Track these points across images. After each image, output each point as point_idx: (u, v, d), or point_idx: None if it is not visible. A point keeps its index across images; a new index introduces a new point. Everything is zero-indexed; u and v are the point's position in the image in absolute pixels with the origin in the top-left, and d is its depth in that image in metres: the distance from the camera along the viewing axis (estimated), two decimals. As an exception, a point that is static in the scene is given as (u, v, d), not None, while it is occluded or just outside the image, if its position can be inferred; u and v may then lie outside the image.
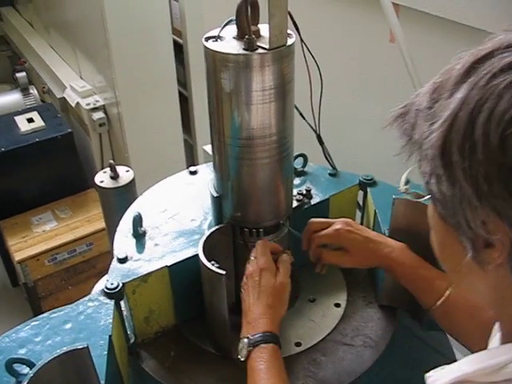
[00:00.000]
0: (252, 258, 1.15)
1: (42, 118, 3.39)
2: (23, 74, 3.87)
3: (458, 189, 0.59)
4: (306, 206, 1.33)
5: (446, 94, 0.61)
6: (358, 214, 1.48)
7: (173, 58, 3.29)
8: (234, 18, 1.08)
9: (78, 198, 3.46)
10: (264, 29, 1.06)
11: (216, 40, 1.08)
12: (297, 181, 1.42)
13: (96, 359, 0.96)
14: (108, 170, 1.79)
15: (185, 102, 3.50)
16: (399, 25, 1.47)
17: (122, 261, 1.21)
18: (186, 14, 3.19)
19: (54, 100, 3.76)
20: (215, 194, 1.20)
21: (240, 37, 1.06)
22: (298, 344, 1.23)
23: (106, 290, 1.13)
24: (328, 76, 1.28)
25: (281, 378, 0.99)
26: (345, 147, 1.76)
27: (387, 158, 1.70)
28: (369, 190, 1.39)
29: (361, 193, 1.44)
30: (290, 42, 1.05)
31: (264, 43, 1.03)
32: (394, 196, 1.18)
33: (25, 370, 0.97)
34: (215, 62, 1.05)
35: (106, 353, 1.02)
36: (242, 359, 1.03)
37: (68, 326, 1.08)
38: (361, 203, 1.47)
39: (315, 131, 1.37)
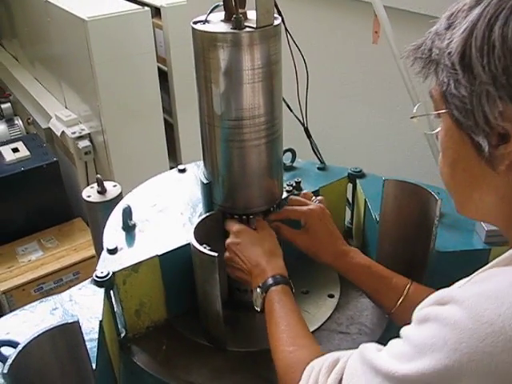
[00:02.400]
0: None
1: (27, 148, 3.38)
2: (8, 105, 3.87)
3: (477, 85, 0.64)
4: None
5: (463, 14, 0.67)
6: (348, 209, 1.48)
7: (158, 85, 3.31)
8: (220, 3, 1.10)
9: (64, 228, 3.42)
10: (251, 13, 1.08)
11: (204, 23, 1.09)
12: (286, 175, 1.42)
13: (87, 344, 0.94)
14: (95, 185, 1.78)
15: (170, 129, 3.51)
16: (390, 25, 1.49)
17: (112, 251, 1.19)
18: (170, 42, 3.23)
19: (38, 130, 3.76)
20: (205, 181, 1.19)
21: (227, 19, 1.08)
22: (293, 334, 1.21)
23: (95, 279, 1.11)
24: (313, 72, 1.30)
25: (296, 315, 1.01)
26: (332, 142, 1.77)
27: (375, 152, 1.72)
28: (358, 181, 1.39)
29: (349, 189, 1.44)
30: (276, 22, 1.07)
31: (251, 23, 1.05)
32: (383, 178, 1.18)
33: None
34: (203, 42, 1.06)
35: (96, 337, 0.99)
36: (259, 309, 1.06)
37: (57, 312, 1.05)
38: (349, 199, 1.47)
39: (303, 124, 1.38)
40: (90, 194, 1.77)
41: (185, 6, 3.12)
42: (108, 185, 1.77)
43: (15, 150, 3.35)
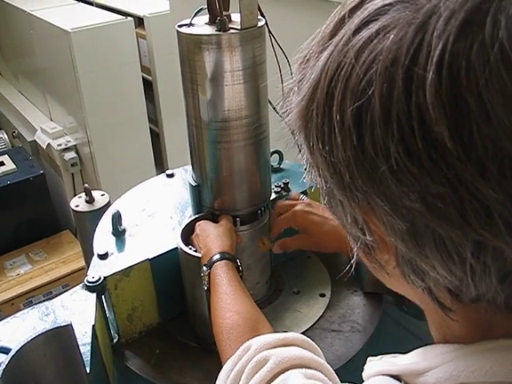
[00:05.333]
0: None
1: (13, 161, 3.37)
2: (-8, 119, 3.87)
3: (324, 180, 0.50)
4: (284, 198, 1.33)
5: (312, 61, 0.49)
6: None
7: (143, 95, 3.33)
8: (204, 6, 1.11)
9: (53, 240, 3.41)
10: (234, 15, 1.09)
11: (188, 27, 1.10)
12: (274, 177, 1.42)
13: (80, 348, 0.94)
14: (83, 194, 1.77)
15: (156, 138, 3.52)
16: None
17: (103, 257, 1.19)
18: (154, 52, 3.24)
19: (24, 144, 3.75)
20: (194, 184, 1.20)
21: (212, 21, 1.09)
22: (285, 334, 1.22)
23: (87, 284, 1.11)
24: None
25: (237, 285, 1.00)
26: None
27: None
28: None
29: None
30: (260, 23, 1.08)
31: (236, 25, 1.06)
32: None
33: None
34: (188, 45, 1.06)
35: (89, 341, 0.99)
36: (206, 288, 1.05)
37: (48, 318, 1.05)
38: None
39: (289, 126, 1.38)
40: (77, 203, 1.76)
41: (168, 15, 3.13)
42: (96, 194, 1.76)
43: (1, 164, 3.35)
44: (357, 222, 0.49)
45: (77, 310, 1.07)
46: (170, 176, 1.51)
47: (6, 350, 0.93)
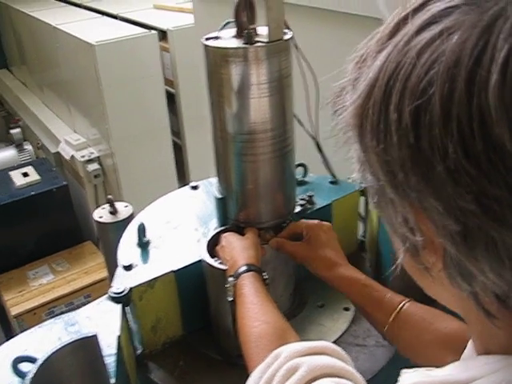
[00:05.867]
0: None
1: (37, 172, 3.41)
2: (18, 130, 3.93)
3: (376, 178, 0.49)
4: (308, 211, 1.33)
5: (369, 60, 0.49)
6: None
7: (166, 107, 3.35)
8: (230, 19, 1.12)
9: (75, 251, 3.43)
10: (261, 29, 1.09)
11: (215, 40, 1.10)
12: (298, 190, 1.42)
13: (105, 359, 0.94)
14: (107, 205, 1.79)
15: (178, 150, 3.54)
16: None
17: (128, 268, 1.20)
18: (177, 64, 3.27)
19: (48, 155, 3.80)
20: (219, 196, 1.20)
21: (238, 34, 1.09)
22: (309, 348, 1.21)
23: (112, 295, 1.11)
24: (323, 87, 1.31)
25: (263, 296, 1.00)
26: (343, 156, 1.77)
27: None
28: (370, 194, 1.40)
29: (362, 203, 1.44)
30: (286, 37, 1.08)
31: (262, 38, 1.06)
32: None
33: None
34: (215, 58, 1.07)
35: (114, 352, 0.99)
36: (230, 299, 1.04)
37: (74, 328, 1.05)
38: (361, 213, 1.47)
39: (314, 138, 1.38)
40: (101, 214, 1.77)
41: (190, 28, 3.16)
42: (119, 205, 1.77)
43: (25, 175, 3.38)
44: (407, 221, 0.48)
45: (101, 321, 1.07)
46: (195, 188, 1.51)
47: (32, 360, 0.94)
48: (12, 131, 3.93)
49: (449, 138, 0.41)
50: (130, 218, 1.75)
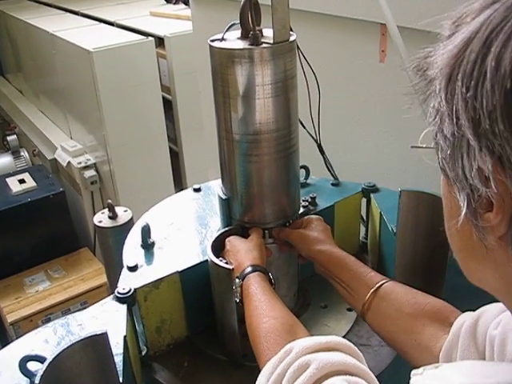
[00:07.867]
0: None
1: (34, 179, 3.41)
2: (14, 137, 3.92)
3: (457, 126, 0.49)
4: (311, 213, 1.33)
5: (469, 18, 0.51)
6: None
7: (162, 114, 3.36)
8: (235, 21, 1.13)
9: (71, 258, 3.43)
10: (266, 31, 1.10)
11: (221, 41, 1.11)
12: (300, 192, 1.43)
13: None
14: (106, 210, 1.79)
15: (175, 157, 3.54)
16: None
17: (132, 269, 1.20)
18: (174, 71, 3.28)
19: (44, 162, 3.79)
20: (223, 197, 1.21)
21: (244, 36, 1.10)
22: (313, 347, 1.21)
23: (117, 295, 1.11)
24: (324, 89, 1.32)
25: (270, 293, 1.01)
26: (345, 158, 1.79)
27: (387, 167, 1.73)
28: (372, 196, 1.41)
29: (363, 205, 1.45)
30: (292, 38, 1.09)
31: (268, 39, 1.07)
32: (399, 188, 1.19)
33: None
34: (221, 59, 1.08)
35: (121, 351, 0.99)
36: (238, 300, 1.06)
37: (81, 328, 1.06)
38: (363, 214, 1.48)
39: (316, 141, 1.39)
40: (101, 219, 1.77)
41: (187, 35, 3.18)
42: (119, 210, 1.78)
43: (22, 181, 3.38)
44: (482, 172, 0.48)
45: (107, 321, 1.08)
46: (197, 190, 1.52)
47: (40, 359, 0.94)
48: (8, 138, 3.93)
49: None
50: (130, 222, 1.75)
